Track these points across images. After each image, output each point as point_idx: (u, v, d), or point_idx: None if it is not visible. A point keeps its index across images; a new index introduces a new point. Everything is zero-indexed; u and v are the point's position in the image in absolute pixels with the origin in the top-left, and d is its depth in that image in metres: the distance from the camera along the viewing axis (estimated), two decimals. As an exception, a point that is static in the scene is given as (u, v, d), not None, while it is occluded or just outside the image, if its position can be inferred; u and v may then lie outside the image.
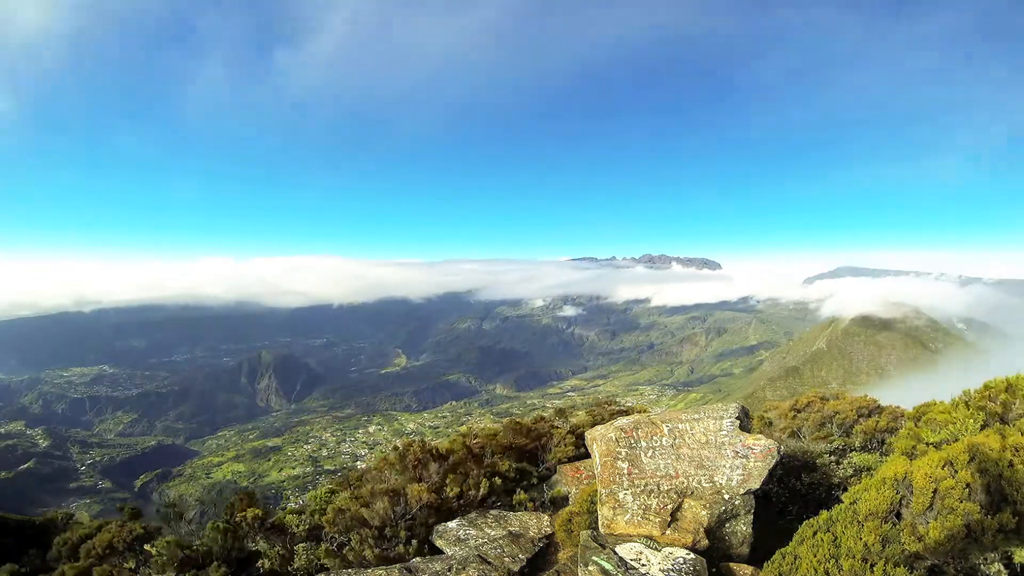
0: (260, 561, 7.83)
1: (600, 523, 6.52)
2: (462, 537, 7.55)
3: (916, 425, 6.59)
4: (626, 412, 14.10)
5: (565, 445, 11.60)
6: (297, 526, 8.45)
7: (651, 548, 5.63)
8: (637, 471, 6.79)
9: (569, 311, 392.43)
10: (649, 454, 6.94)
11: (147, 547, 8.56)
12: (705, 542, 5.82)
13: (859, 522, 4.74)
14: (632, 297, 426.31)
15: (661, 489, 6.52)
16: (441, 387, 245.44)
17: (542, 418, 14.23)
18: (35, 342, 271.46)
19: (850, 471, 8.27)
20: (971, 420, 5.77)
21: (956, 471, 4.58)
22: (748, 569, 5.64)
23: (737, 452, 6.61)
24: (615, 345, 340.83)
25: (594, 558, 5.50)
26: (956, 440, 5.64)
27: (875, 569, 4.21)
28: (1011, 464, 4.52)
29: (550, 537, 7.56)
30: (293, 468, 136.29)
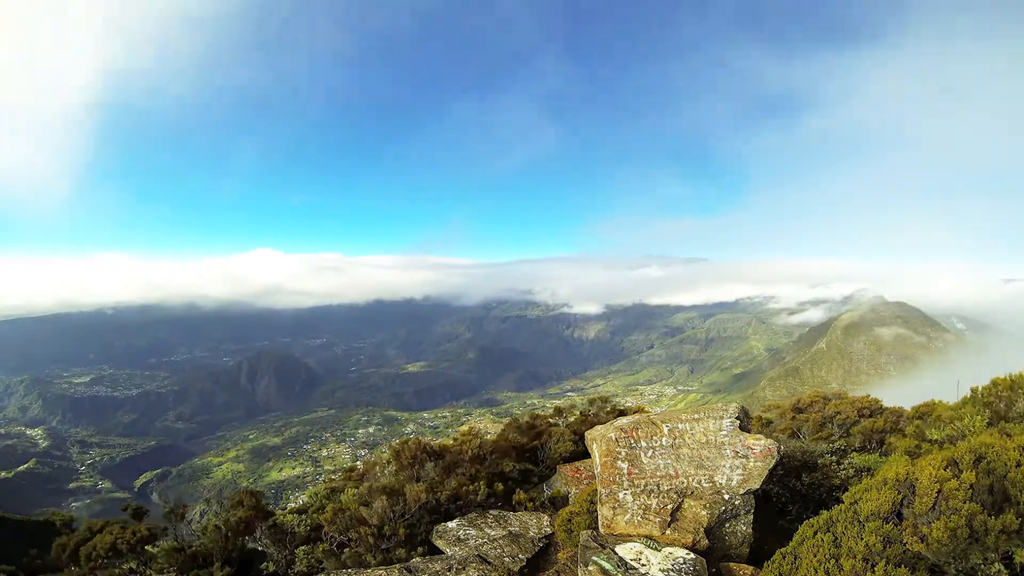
0: (264, 564, 7.81)
1: (600, 523, 6.51)
2: (462, 537, 7.54)
3: (920, 424, 6.58)
4: (623, 412, 14.11)
5: (563, 441, 11.62)
6: (297, 526, 8.44)
7: (651, 548, 5.62)
8: (637, 471, 6.78)
9: (569, 311, 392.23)
10: (649, 454, 6.92)
11: (148, 548, 8.56)
12: (705, 542, 5.81)
13: (860, 522, 4.72)
14: (632, 298, 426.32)
15: (661, 489, 6.50)
16: (441, 387, 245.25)
17: (540, 416, 14.24)
18: (35, 342, 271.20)
19: (851, 471, 8.26)
20: (978, 417, 5.75)
21: (960, 472, 4.56)
22: (748, 569, 5.62)
23: (737, 452, 6.60)
24: (615, 345, 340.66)
25: (594, 558, 5.49)
26: (962, 438, 5.62)
27: (876, 569, 4.19)
28: (1018, 464, 4.50)
29: (550, 537, 7.55)
30: (293, 468, 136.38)
